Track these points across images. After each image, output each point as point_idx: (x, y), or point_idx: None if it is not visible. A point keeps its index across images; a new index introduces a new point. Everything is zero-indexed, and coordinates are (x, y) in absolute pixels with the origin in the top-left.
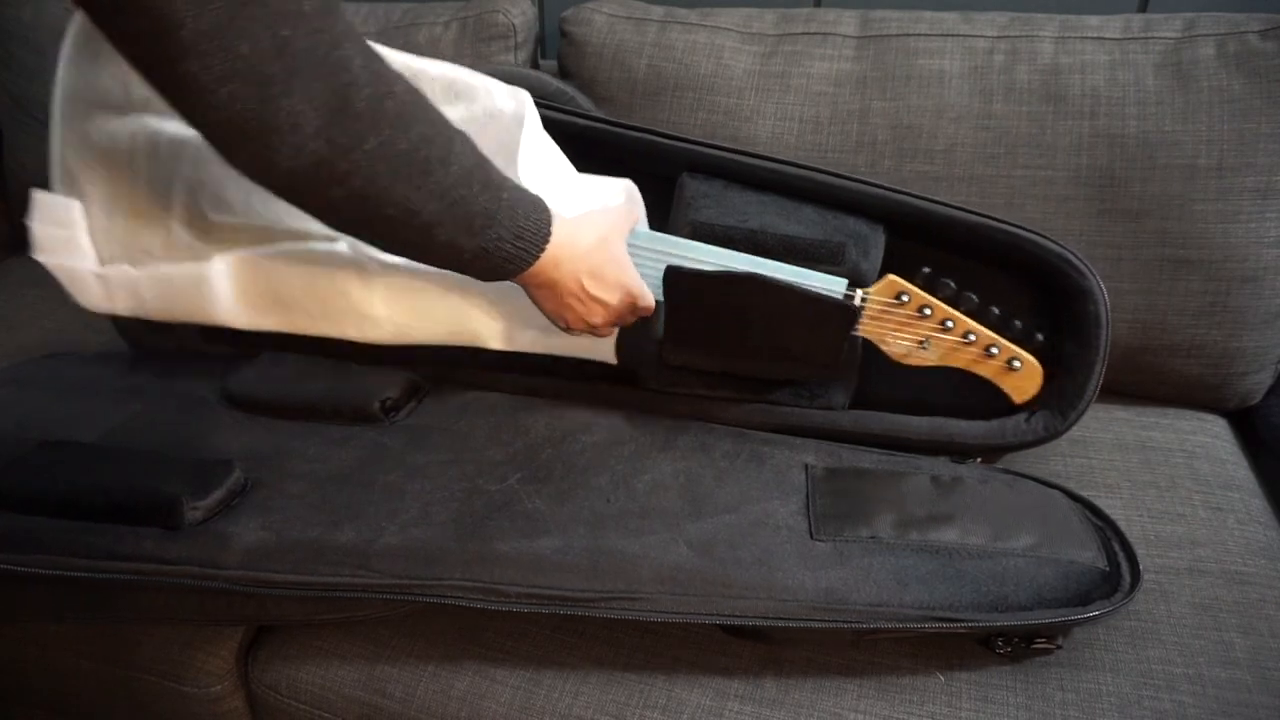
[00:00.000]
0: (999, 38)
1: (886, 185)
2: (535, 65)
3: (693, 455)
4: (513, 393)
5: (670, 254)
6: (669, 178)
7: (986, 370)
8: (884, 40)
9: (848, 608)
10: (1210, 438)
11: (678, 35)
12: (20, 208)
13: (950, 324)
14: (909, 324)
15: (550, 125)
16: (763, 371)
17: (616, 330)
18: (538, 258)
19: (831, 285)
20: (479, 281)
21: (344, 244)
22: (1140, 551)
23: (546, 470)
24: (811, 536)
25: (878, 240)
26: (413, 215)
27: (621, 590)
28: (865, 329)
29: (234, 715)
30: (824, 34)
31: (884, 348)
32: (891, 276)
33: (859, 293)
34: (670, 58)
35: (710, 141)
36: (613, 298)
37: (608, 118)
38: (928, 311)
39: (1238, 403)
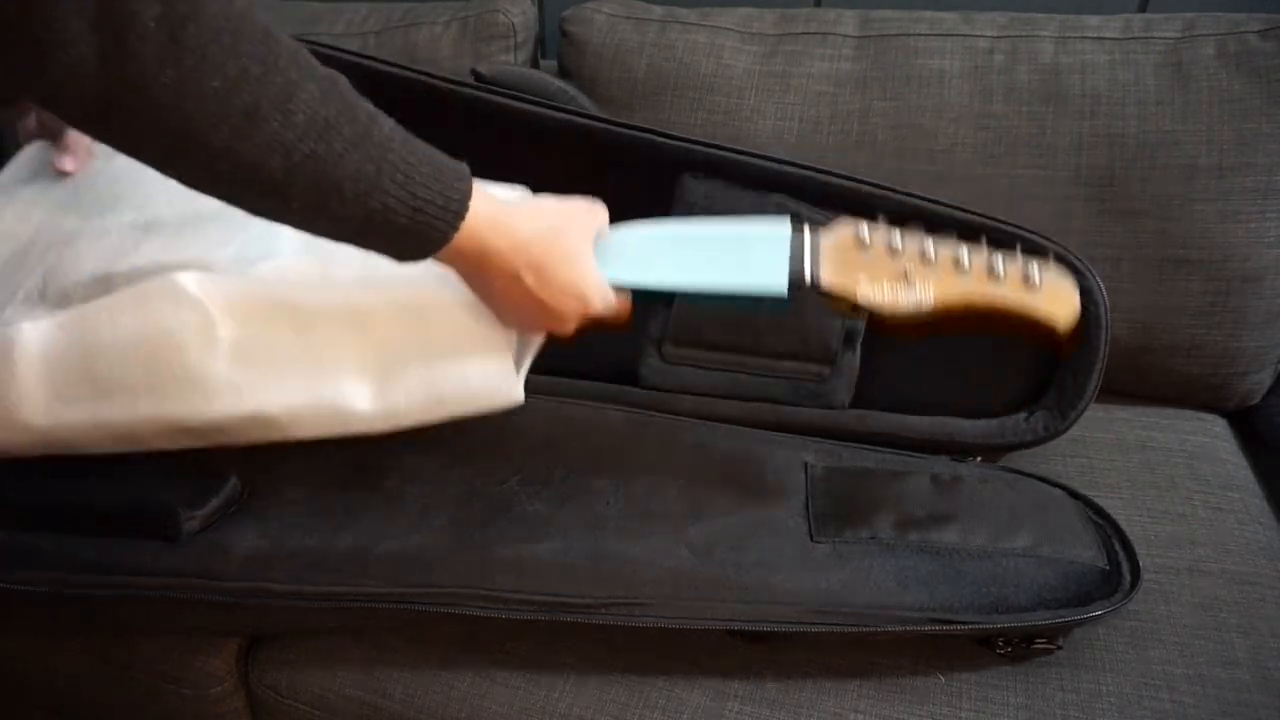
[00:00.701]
0: (999, 38)
1: (886, 185)
2: (535, 65)
3: (692, 456)
4: None
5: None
6: (669, 178)
7: (1000, 299)
8: (884, 40)
9: (848, 610)
10: (1210, 438)
11: (678, 35)
12: None
13: (932, 250)
14: (881, 263)
15: (551, 125)
16: (766, 368)
17: (520, 380)
18: (448, 235)
19: (773, 231)
20: (351, 330)
21: (190, 277)
22: (1140, 551)
23: (545, 472)
24: (811, 538)
25: None
26: (253, 171)
27: (622, 595)
28: (830, 280)
29: (234, 716)
30: (824, 34)
31: (862, 300)
32: (844, 217)
33: (807, 229)
34: (670, 58)
35: (710, 141)
36: (563, 302)
37: (608, 117)
38: (898, 244)
39: (1238, 403)
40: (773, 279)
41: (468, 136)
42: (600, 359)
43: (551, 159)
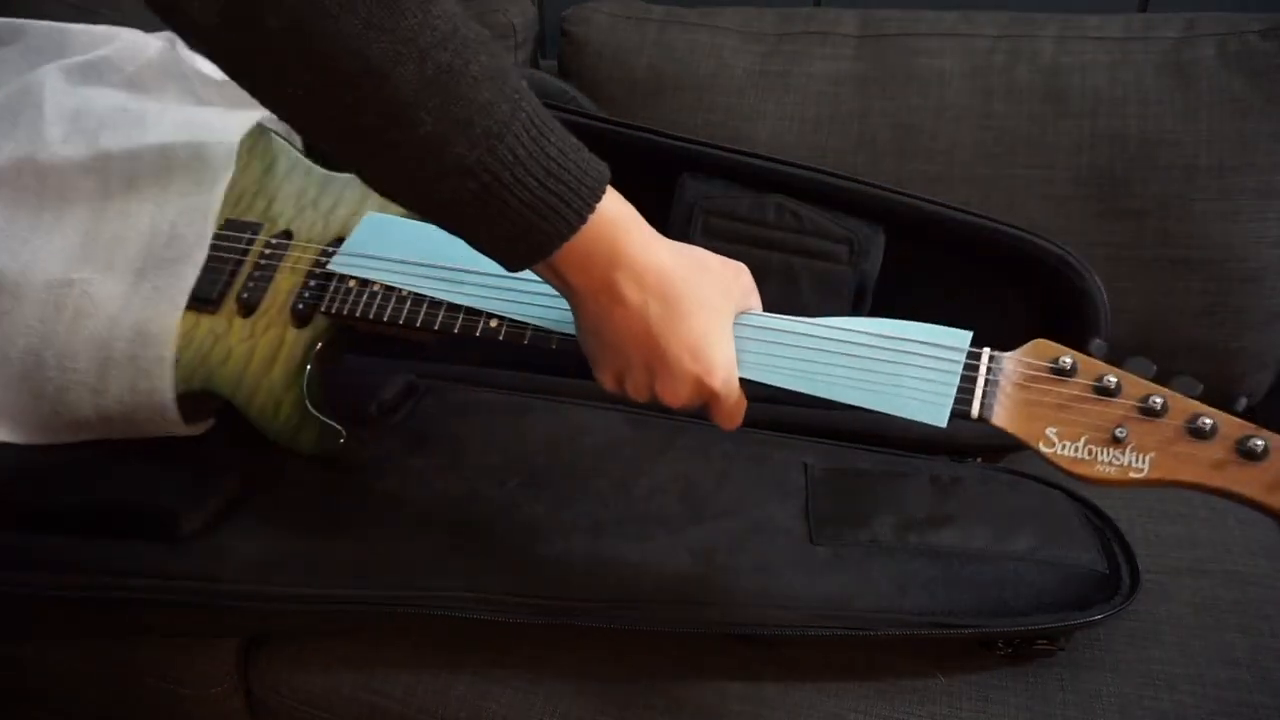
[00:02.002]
0: (999, 38)
1: (886, 185)
2: (535, 65)
3: (692, 457)
4: (510, 390)
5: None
6: (669, 178)
7: (1247, 484)
8: (884, 40)
9: (848, 614)
10: None
11: (678, 35)
12: None
13: (1157, 401)
14: (1085, 406)
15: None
16: None
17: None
18: (582, 216)
19: (944, 350)
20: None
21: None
22: (1140, 551)
23: (545, 474)
24: (811, 541)
25: (877, 241)
26: (381, 80)
27: (621, 600)
28: (1006, 411)
29: (234, 716)
30: (824, 34)
31: (1048, 452)
32: (1042, 340)
33: (988, 351)
34: (670, 58)
35: (710, 141)
36: (682, 359)
37: (608, 117)
38: (1112, 382)
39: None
40: (931, 409)
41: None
42: None
43: None
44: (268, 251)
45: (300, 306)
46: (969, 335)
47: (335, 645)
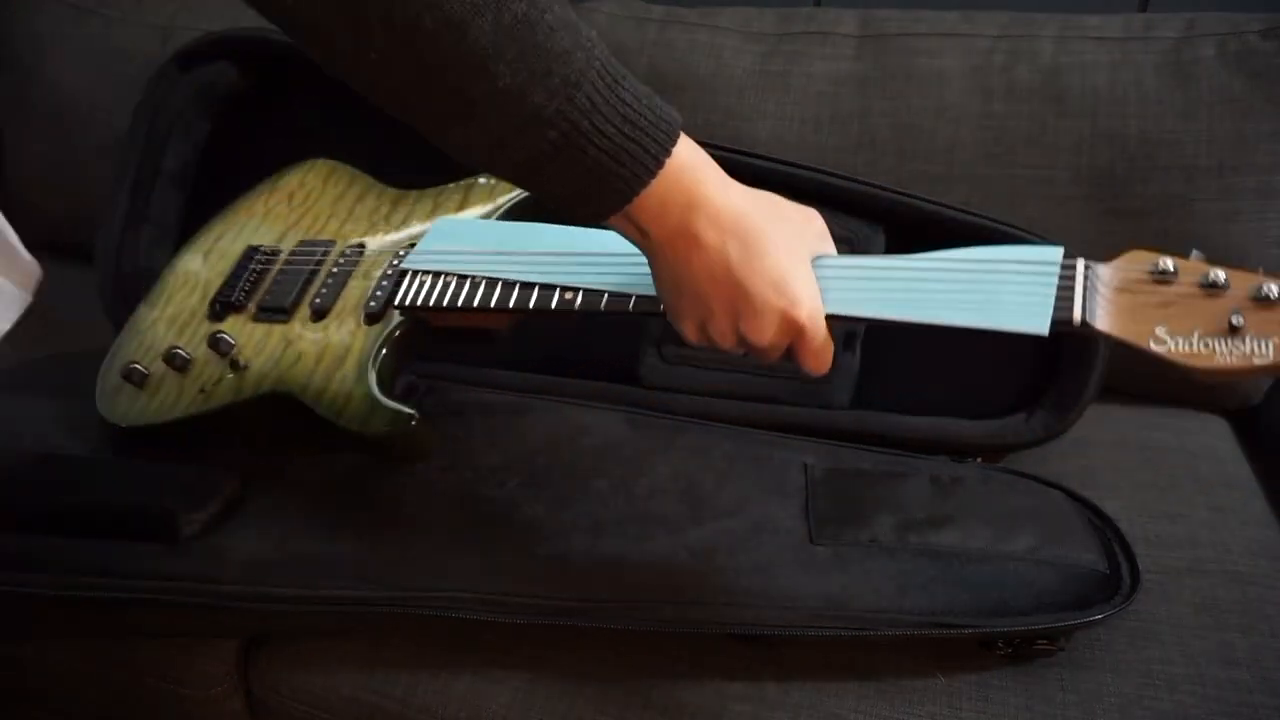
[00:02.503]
0: (999, 38)
1: (886, 185)
2: None
3: (692, 457)
4: (510, 390)
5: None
6: None
7: None
8: (884, 40)
9: (848, 614)
10: (1211, 438)
11: (678, 35)
12: (18, 209)
13: (1274, 290)
14: (1193, 301)
15: None
16: (766, 368)
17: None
18: (660, 161)
19: (1039, 258)
20: None
21: None
22: (1140, 551)
23: (545, 475)
24: (811, 540)
25: (877, 241)
26: (460, 31)
27: (622, 600)
28: (1110, 313)
29: (234, 716)
30: (824, 34)
31: (1159, 350)
32: (1135, 249)
33: (1082, 262)
34: (670, 58)
35: (710, 141)
36: (767, 294)
37: None
38: (1219, 277)
39: (1238, 403)
40: (1032, 318)
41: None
42: (600, 359)
43: None
44: (341, 261)
45: (373, 305)
46: (1060, 249)
47: (335, 645)
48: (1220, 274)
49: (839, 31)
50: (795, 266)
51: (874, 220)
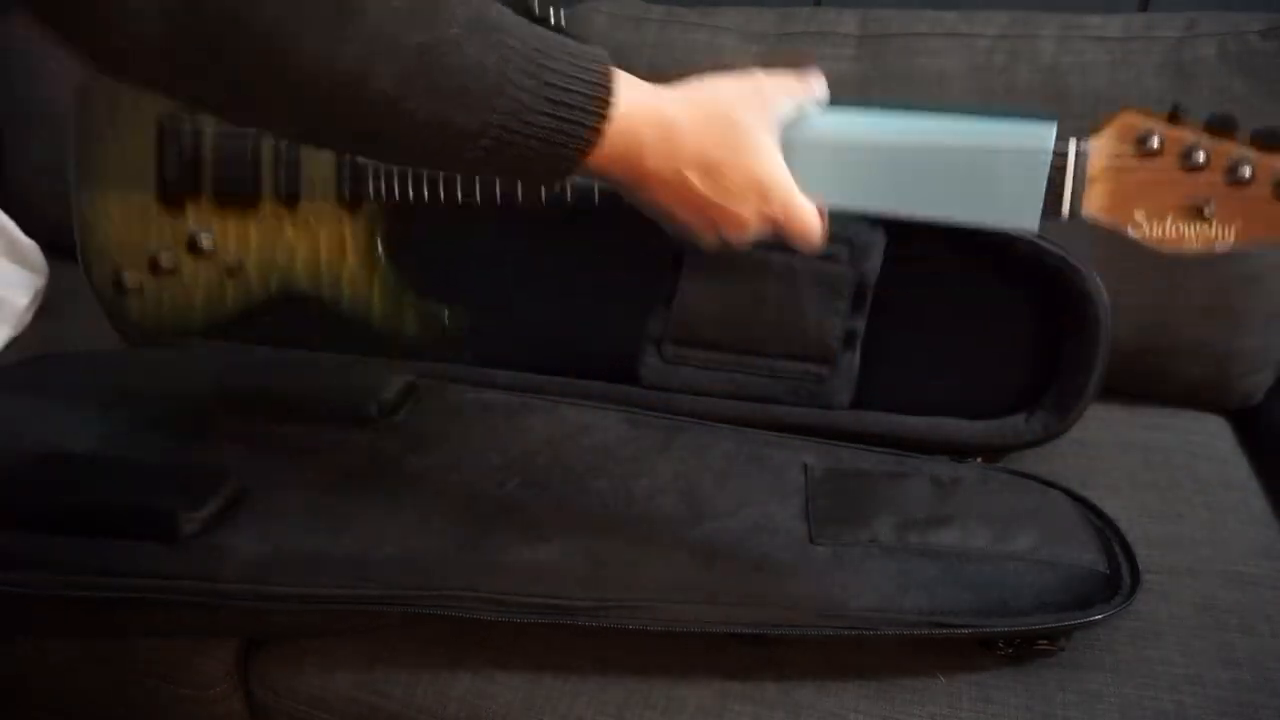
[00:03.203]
0: (999, 38)
1: None
2: None
3: (692, 457)
4: (509, 389)
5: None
6: None
7: None
8: (884, 40)
9: (848, 613)
10: (1211, 438)
11: (678, 35)
12: (18, 209)
13: (1246, 168)
14: (1168, 182)
15: None
16: (766, 368)
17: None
18: (599, 131)
19: (1029, 144)
20: None
21: None
22: (1140, 551)
23: (545, 474)
24: (811, 540)
25: (877, 241)
26: (357, 88)
27: (621, 599)
28: (1095, 203)
29: (233, 716)
30: (824, 34)
31: (1136, 235)
32: (1128, 111)
33: (1074, 142)
34: (670, 58)
35: None
36: (741, 205)
37: None
38: (1200, 156)
39: (1238, 403)
40: (1021, 213)
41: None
42: (600, 359)
43: None
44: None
45: (349, 192)
46: (1054, 129)
47: (335, 645)
48: (1200, 153)
49: (839, 31)
50: (757, 164)
51: (874, 220)
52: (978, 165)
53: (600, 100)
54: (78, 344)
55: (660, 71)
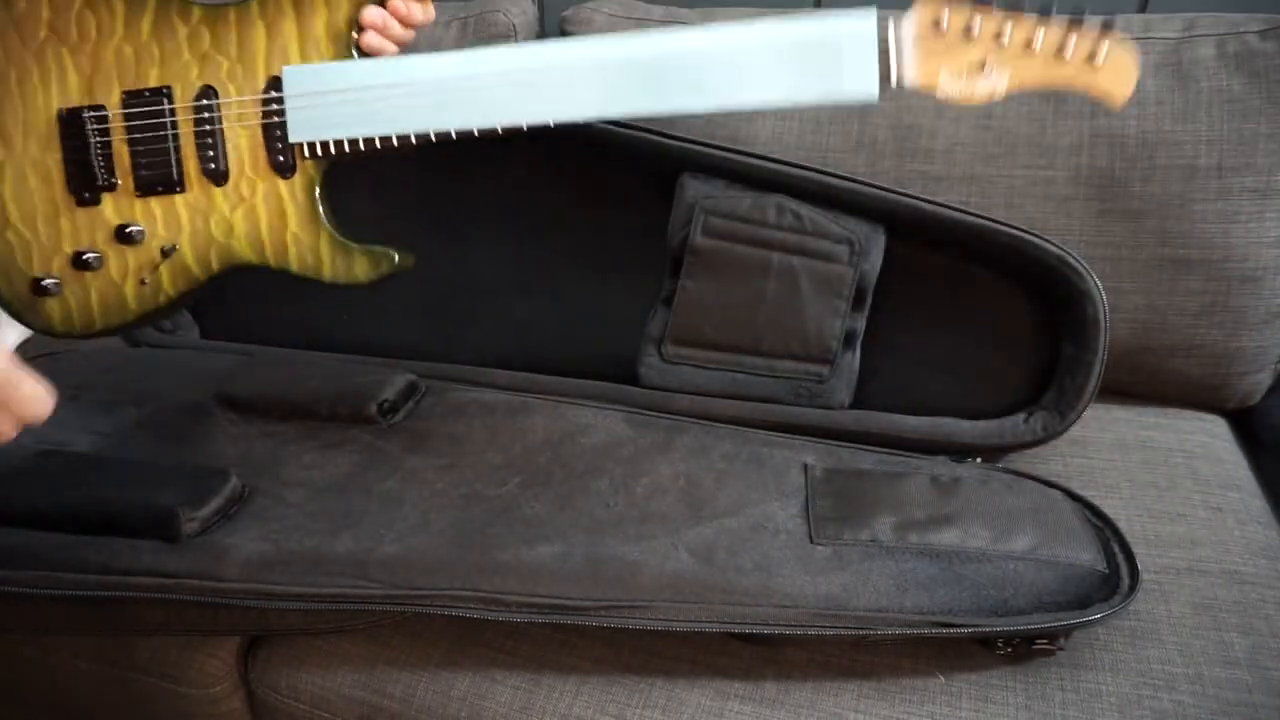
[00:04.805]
0: None
1: (886, 186)
2: None
3: (692, 457)
4: (509, 389)
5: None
6: (669, 177)
7: (1064, 78)
8: None
9: (848, 613)
10: (1210, 438)
11: None
12: None
13: (1006, 35)
14: (958, 50)
15: (552, 126)
16: (766, 368)
17: None
18: None
19: (858, 26)
20: None
21: None
22: (1140, 551)
23: (545, 474)
24: (811, 540)
25: (877, 241)
26: None
27: (621, 599)
28: (912, 71)
29: (233, 716)
30: None
31: (942, 95)
32: (923, 1)
33: (891, 23)
34: None
35: (710, 141)
36: None
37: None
38: (975, 29)
39: (1238, 403)
40: (861, 84)
41: (470, 135)
42: (600, 359)
43: (552, 159)
44: (201, 114)
45: (280, 159)
46: (874, 13)
47: (335, 645)
48: (976, 25)
49: None
50: None
51: (874, 220)
52: (822, 51)
53: None
54: (78, 344)
55: None
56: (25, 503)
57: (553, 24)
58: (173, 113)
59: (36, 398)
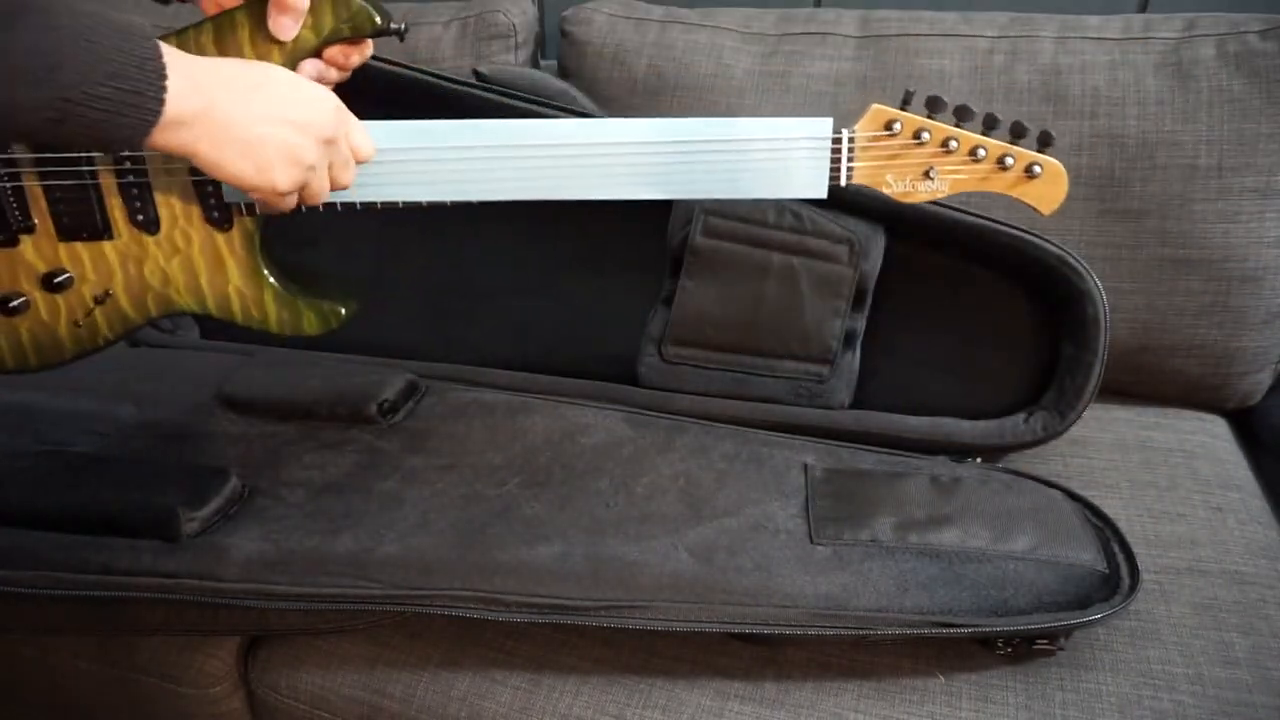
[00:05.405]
0: (999, 38)
1: None
2: (535, 65)
3: (692, 457)
4: (509, 388)
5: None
6: None
7: (1003, 185)
8: (884, 40)
9: (848, 613)
10: (1210, 438)
11: (678, 35)
12: None
13: (954, 143)
14: (906, 154)
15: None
16: (766, 368)
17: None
18: (158, 107)
19: (813, 130)
20: None
21: None
22: (1140, 551)
23: (545, 474)
24: (811, 540)
25: (877, 241)
26: None
27: (621, 599)
28: (860, 173)
29: (233, 716)
30: (824, 34)
31: (886, 191)
32: (877, 106)
33: (845, 132)
34: (670, 58)
35: None
36: (316, 105)
37: (608, 117)
38: (925, 135)
39: (1238, 403)
40: (812, 185)
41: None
42: (600, 359)
43: None
44: (125, 168)
45: (215, 215)
46: (830, 123)
47: (335, 645)
48: (926, 132)
49: (839, 31)
50: (305, 88)
51: (874, 220)
52: (776, 154)
53: (157, 74)
54: None
55: (660, 72)
56: (25, 503)
57: (553, 24)
58: (91, 161)
59: (365, 132)
